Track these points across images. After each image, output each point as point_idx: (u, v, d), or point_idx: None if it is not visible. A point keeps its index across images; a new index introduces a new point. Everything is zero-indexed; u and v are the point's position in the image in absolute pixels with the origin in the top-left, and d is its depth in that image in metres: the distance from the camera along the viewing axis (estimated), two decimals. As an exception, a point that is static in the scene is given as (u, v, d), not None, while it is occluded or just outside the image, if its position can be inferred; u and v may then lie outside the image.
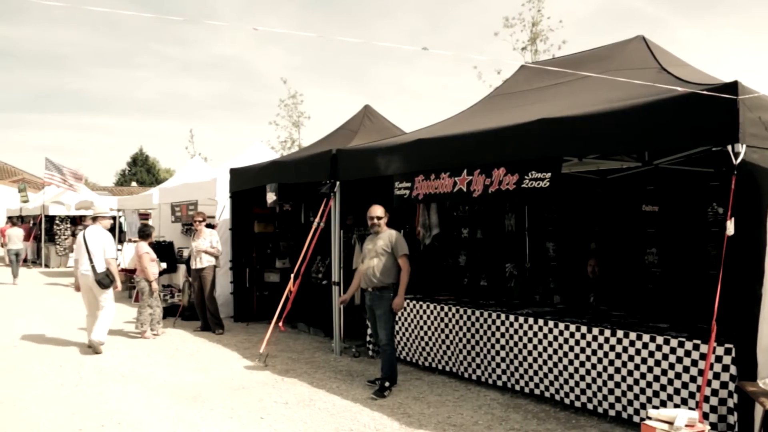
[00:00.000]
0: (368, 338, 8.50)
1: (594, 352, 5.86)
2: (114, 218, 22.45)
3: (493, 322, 6.92)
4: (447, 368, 7.50)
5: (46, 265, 25.46)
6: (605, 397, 5.73)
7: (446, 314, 7.52)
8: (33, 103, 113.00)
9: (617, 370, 5.65)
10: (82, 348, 9.20)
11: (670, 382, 5.25)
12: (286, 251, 12.00)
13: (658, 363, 5.35)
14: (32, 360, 8.47)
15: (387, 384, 6.77)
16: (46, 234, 25.81)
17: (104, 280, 8.97)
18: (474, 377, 7.13)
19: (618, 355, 5.66)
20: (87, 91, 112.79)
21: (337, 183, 8.56)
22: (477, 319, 7.12)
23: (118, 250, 18.48)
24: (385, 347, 6.89)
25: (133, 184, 61.35)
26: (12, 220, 22.07)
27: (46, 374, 7.73)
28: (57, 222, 25.81)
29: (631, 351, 5.56)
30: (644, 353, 5.46)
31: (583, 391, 5.93)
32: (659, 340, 5.36)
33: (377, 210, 7.07)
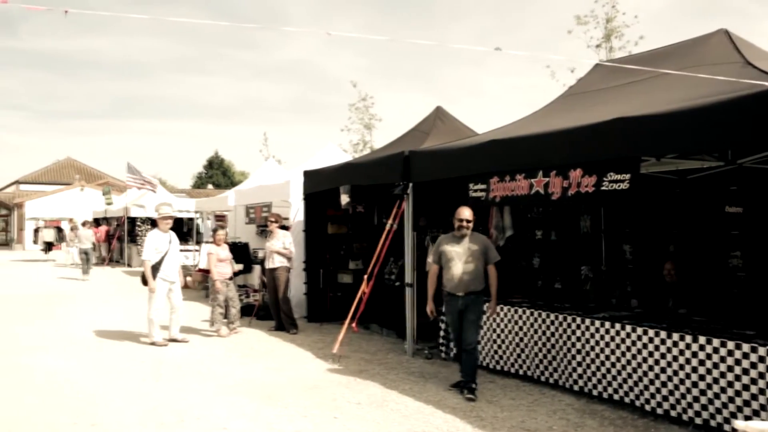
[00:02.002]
0: (441, 340, 8.47)
1: (675, 359, 5.68)
2: (191, 219, 23.21)
3: (569, 325, 6.79)
4: (520, 372, 7.40)
5: (129, 265, 26.43)
6: (690, 405, 5.54)
7: (520, 317, 7.43)
8: (115, 110, 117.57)
9: (701, 378, 5.46)
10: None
11: (762, 392, 5.03)
12: (359, 252, 12.07)
13: (745, 372, 5.14)
14: (116, 355, 8.80)
15: (473, 385, 6.76)
16: (128, 235, 26.82)
17: (142, 280, 9.74)
18: (550, 381, 7.02)
19: (701, 362, 5.47)
20: (165, 97, 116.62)
21: (410, 185, 8.57)
22: (552, 323, 7.01)
23: (196, 251, 19.07)
24: (473, 350, 6.87)
25: (210, 186, 63.00)
26: (84, 222, 23.17)
27: (129, 369, 8.02)
28: (138, 223, 26.76)
29: (716, 358, 5.36)
30: (729, 361, 5.26)
31: (665, 398, 5.75)
32: (745, 347, 5.16)
33: (466, 212, 6.93)
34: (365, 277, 8.72)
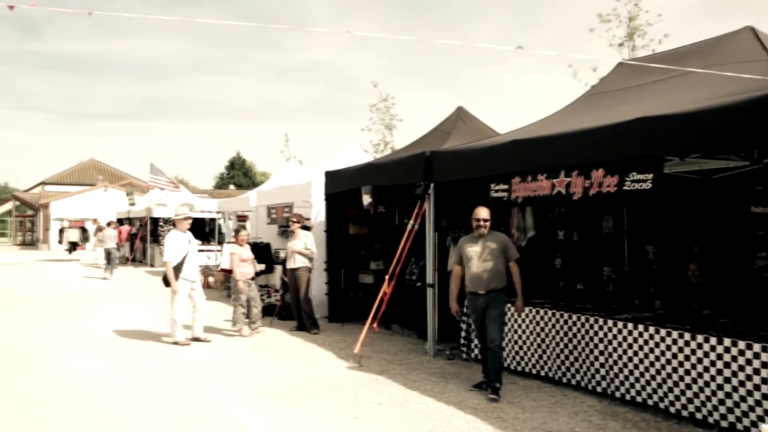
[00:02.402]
0: (462, 341, 8.45)
1: (699, 361, 5.61)
2: (212, 220, 23.36)
3: (591, 326, 6.74)
4: (542, 373, 7.36)
5: (151, 264, 26.67)
6: (715, 408, 5.47)
7: (542, 318, 7.39)
8: (138, 111, 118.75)
9: (727, 380, 5.38)
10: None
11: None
12: (381, 253, 12.08)
13: (772, 374, 5.08)
14: (139, 354, 8.89)
15: (498, 385, 6.76)
16: (150, 235, 27.07)
17: (164, 281, 9.86)
18: (572, 382, 6.97)
19: (727, 365, 5.39)
20: (187, 98, 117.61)
21: (431, 185, 8.56)
22: (574, 324, 6.97)
23: (218, 251, 19.20)
24: (498, 348, 6.87)
25: (231, 187, 63.37)
26: (109, 222, 23.51)
27: (152, 368, 8.09)
28: (161, 224, 26.99)
29: (741, 361, 5.29)
30: (756, 363, 5.18)
31: (690, 400, 5.69)
32: (771, 348, 5.09)
33: (483, 212, 7.00)
34: (386, 277, 8.72)
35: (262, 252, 12.86)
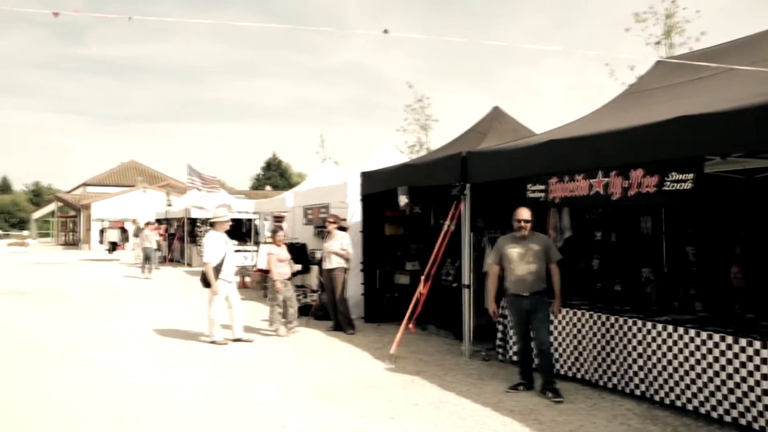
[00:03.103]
0: (498, 342, 8.40)
1: (743, 365, 5.49)
2: (249, 221, 23.59)
3: (629, 329, 6.65)
4: (578, 375, 7.29)
5: (189, 264, 27.02)
6: (761, 413, 5.34)
7: (579, 320, 7.32)
8: (176, 114, 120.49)
9: (770, 384, 5.27)
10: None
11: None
12: (416, 253, 12.06)
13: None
14: (177, 353, 9.02)
15: (555, 385, 6.73)
16: (188, 235, 27.41)
17: (202, 281, 9.90)
18: (609, 385, 6.89)
19: (770, 368, 5.28)
20: (224, 100, 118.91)
21: (467, 185, 8.53)
22: (612, 326, 6.88)
23: (254, 251, 19.37)
24: (548, 350, 6.86)
25: (268, 188, 63.88)
26: (148, 223, 23.95)
27: (190, 367, 8.20)
28: (198, 224, 27.32)
29: (786, 364, 5.17)
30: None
31: (733, 406, 5.57)
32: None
33: (525, 213, 6.95)
34: (422, 277, 8.72)
35: (298, 252, 12.95)
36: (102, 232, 32.99)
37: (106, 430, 5.84)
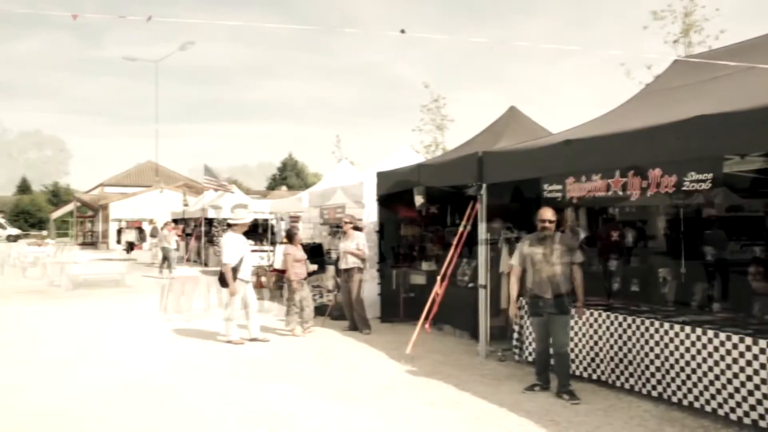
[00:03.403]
0: (515, 342, 8.37)
1: (763, 366, 5.43)
2: (265, 221, 23.69)
3: (647, 329, 6.60)
4: (594, 376, 7.25)
5: (205, 264, 27.13)
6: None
7: (596, 320, 7.28)
8: (192, 115, 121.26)
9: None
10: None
11: None
12: (432, 254, 12.06)
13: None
14: (194, 352, 9.09)
15: (571, 388, 6.71)
16: (204, 235, 27.53)
17: (220, 281, 9.90)
18: (626, 386, 6.84)
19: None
20: (240, 101, 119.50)
21: (484, 185, 8.51)
22: (629, 326, 6.83)
23: (270, 251, 19.44)
24: (565, 352, 6.85)
25: (283, 188, 64.00)
26: (165, 223, 24.08)
27: (207, 366, 8.25)
28: (214, 224, 27.43)
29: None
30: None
31: (752, 407, 5.51)
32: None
33: (548, 212, 6.85)
34: (438, 278, 8.71)
35: (314, 252, 12.97)
36: (119, 232, 33.21)
37: (123, 428, 5.90)
